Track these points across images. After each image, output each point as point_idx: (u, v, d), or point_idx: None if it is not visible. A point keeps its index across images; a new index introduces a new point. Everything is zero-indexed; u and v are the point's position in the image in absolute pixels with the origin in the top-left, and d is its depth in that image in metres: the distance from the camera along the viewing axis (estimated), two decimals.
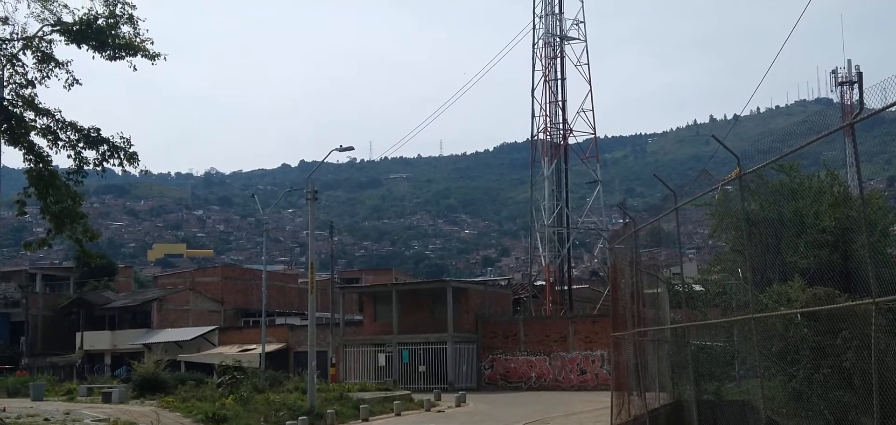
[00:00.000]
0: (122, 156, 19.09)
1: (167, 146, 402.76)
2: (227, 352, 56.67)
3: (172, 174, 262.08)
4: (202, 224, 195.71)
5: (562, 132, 65.37)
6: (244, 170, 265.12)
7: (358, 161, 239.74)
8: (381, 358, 55.47)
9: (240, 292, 75.87)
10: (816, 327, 25.38)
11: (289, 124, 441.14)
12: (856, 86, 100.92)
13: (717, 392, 22.87)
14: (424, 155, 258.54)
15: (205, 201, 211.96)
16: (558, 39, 65.97)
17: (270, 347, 57.60)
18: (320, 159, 44.07)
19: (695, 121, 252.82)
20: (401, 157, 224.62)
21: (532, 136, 66.87)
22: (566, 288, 64.73)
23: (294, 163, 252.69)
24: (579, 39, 66.68)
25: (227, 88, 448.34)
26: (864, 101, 12.77)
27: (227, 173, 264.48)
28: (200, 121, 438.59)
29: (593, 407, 33.79)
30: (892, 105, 10.26)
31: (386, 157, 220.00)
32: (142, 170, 19.99)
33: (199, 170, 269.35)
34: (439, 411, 36.70)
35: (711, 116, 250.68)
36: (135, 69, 19.36)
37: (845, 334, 26.84)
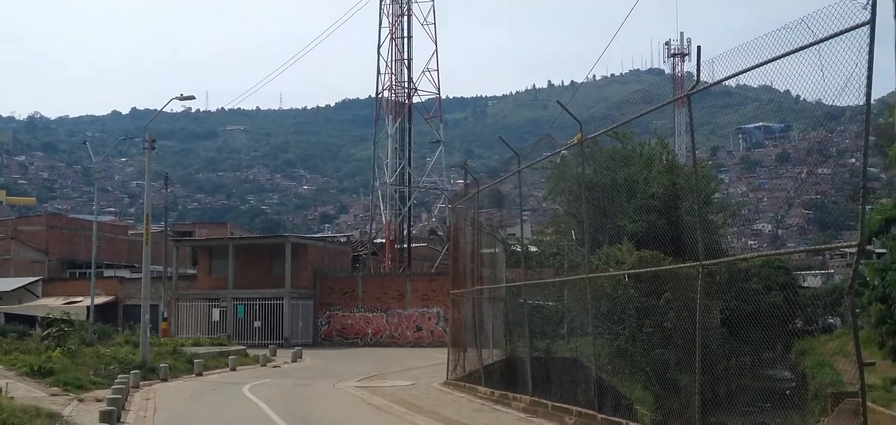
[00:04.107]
0: None
1: None
2: (52, 305, 54.19)
3: None
4: (24, 170, 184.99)
5: (407, 91, 65.58)
6: (71, 116, 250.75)
7: (193, 111, 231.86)
8: (216, 313, 54.43)
9: (66, 242, 72.50)
10: (642, 288, 26.74)
11: (120, 70, 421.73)
12: (686, 57, 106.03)
13: (548, 349, 23.75)
14: (263, 107, 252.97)
15: (27, 147, 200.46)
16: None
17: (99, 300, 55.43)
18: (153, 107, 42.52)
19: (534, 85, 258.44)
20: (239, 109, 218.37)
21: (377, 93, 66.80)
22: (405, 246, 65.30)
23: (125, 111, 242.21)
24: None
25: (54, 29, 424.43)
26: (695, 76, 13.43)
27: (53, 118, 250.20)
28: (23, 63, 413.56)
29: (429, 363, 34.42)
30: (726, 78, 10.88)
31: (223, 108, 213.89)
32: None
33: (21, 114, 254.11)
34: (275, 366, 36.50)
35: (550, 82, 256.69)
36: None
37: (668, 295, 28.45)
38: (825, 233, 79.53)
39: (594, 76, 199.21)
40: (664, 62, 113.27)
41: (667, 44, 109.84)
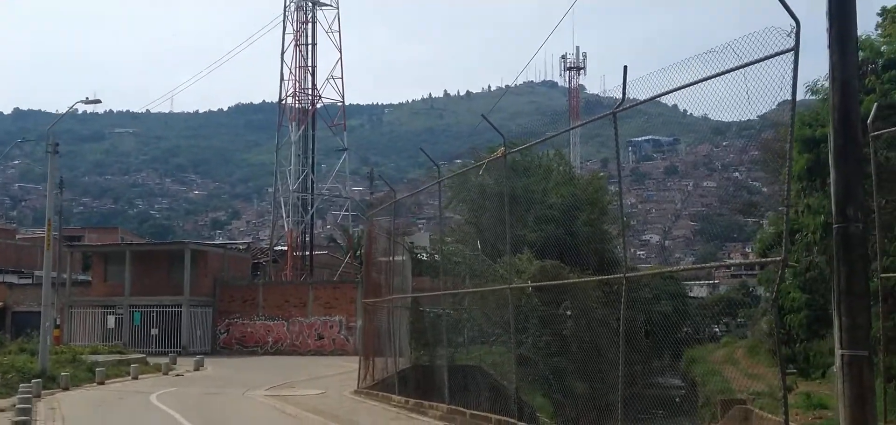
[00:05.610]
0: None
1: None
2: None
3: None
4: None
5: (310, 98, 65.61)
6: None
7: (80, 112, 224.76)
8: (111, 321, 53.36)
9: None
10: (543, 297, 27.68)
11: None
12: (581, 71, 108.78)
13: (451, 357, 24.45)
14: (154, 110, 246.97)
15: None
16: (310, 4, 66.07)
17: None
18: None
19: (430, 94, 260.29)
20: (128, 111, 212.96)
21: (280, 100, 66.53)
22: (306, 253, 65.17)
23: (7, 111, 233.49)
24: (331, 6, 67.19)
25: None
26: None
27: None
28: None
29: (335, 371, 34.74)
30: (658, 95, 11.65)
31: (111, 110, 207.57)
32: None
33: None
34: (178, 375, 36.15)
35: (446, 91, 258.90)
36: None
37: (567, 304, 29.48)
38: (710, 244, 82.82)
39: (489, 86, 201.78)
40: (560, 75, 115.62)
41: (563, 57, 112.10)
